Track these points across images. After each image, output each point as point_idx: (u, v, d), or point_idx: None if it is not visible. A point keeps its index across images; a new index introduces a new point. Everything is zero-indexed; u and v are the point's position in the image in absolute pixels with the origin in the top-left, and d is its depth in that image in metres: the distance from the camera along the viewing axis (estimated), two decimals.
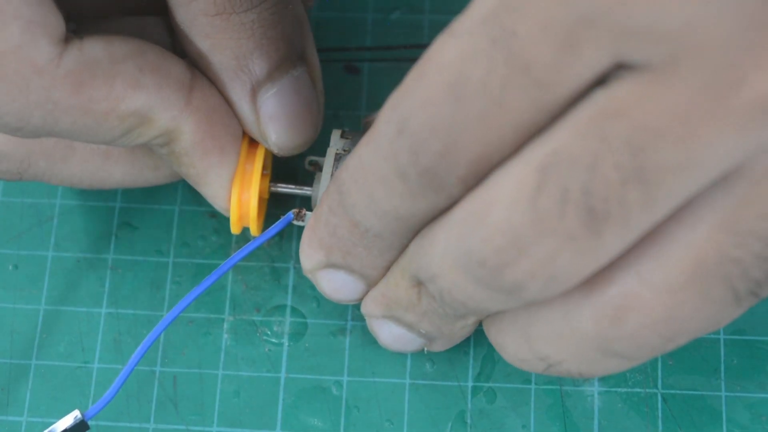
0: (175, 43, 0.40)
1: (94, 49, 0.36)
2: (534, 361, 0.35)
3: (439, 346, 0.38)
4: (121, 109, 0.36)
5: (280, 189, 0.41)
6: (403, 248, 0.36)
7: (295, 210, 0.40)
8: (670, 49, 0.27)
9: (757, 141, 0.28)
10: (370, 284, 0.37)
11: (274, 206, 0.43)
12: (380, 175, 0.32)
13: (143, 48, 0.37)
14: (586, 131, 0.29)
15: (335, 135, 0.40)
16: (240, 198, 0.40)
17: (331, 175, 0.39)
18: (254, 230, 0.40)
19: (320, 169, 0.40)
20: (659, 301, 0.31)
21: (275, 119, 0.39)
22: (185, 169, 0.39)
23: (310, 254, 0.37)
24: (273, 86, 0.38)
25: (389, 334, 0.38)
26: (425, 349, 0.39)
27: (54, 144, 0.40)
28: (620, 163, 0.29)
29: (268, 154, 0.40)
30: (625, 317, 0.32)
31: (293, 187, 0.41)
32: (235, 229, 0.40)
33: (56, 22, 0.35)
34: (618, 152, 0.28)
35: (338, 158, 0.39)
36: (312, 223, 0.36)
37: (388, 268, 0.37)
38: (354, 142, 0.39)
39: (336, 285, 0.37)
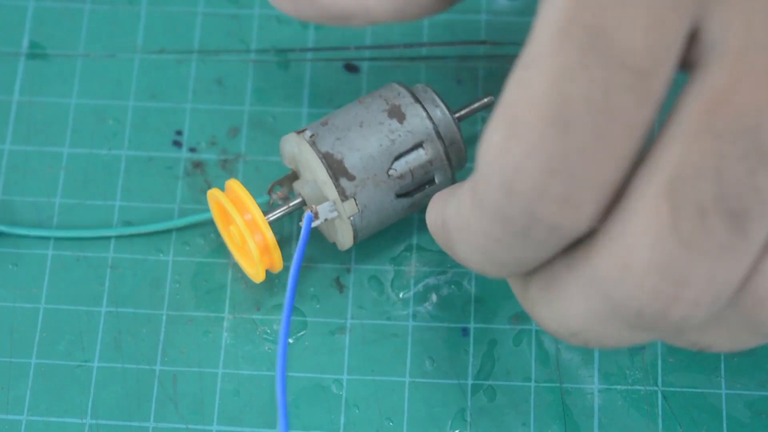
0: None
1: None
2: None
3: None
4: None
5: (274, 217, 0.41)
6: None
7: (308, 210, 0.40)
8: (744, 7, 0.27)
9: None
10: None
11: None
12: (496, 237, 0.31)
13: None
14: (698, 134, 0.28)
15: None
16: (257, 243, 0.40)
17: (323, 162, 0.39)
18: (280, 265, 0.41)
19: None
20: None
21: None
22: None
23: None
24: None
25: None
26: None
27: None
28: (741, 153, 0.28)
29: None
30: None
31: (284, 208, 0.41)
32: (262, 276, 0.41)
33: None
34: (736, 143, 0.28)
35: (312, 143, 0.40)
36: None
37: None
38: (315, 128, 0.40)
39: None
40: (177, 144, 0.45)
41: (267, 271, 0.43)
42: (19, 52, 0.47)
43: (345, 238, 0.41)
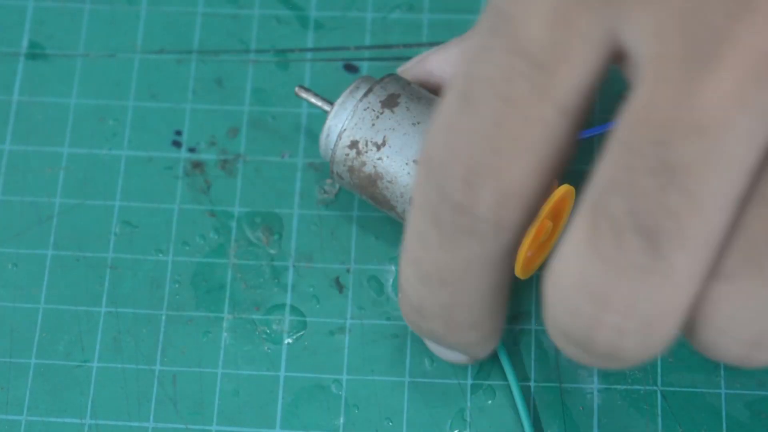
0: None
1: None
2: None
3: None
4: None
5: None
6: (465, 329, 0.33)
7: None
8: (656, 12, 0.26)
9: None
10: (471, 356, 0.37)
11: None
12: (417, 229, 0.30)
13: None
14: (615, 148, 0.27)
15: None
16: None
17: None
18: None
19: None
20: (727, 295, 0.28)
21: None
22: None
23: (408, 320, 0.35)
24: None
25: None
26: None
27: None
28: (652, 168, 0.27)
29: None
30: None
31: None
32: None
33: None
34: (647, 158, 0.27)
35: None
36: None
37: (475, 345, 0.35)
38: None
39: (438, 349, 0.39)
40: (177, 144, 0.45)
41: (269, 270, 0.43)
42: (18, 52, 0.47)
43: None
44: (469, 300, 0.32)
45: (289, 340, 0.42)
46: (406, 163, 0.39)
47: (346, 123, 0.40)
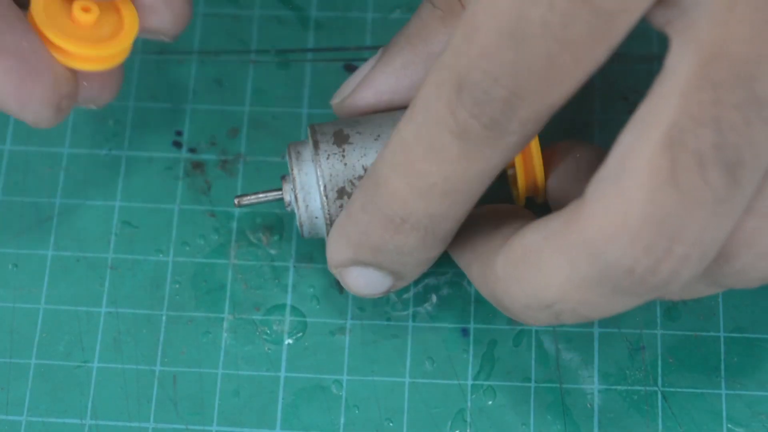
0: None
1: None
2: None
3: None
4: None
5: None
6: (439, 244, 0.35)
7: None
8: None
9: None
10: (399, 279, 0.37)
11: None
12: (431, 142, 0.32)
13: None
14: (697, 85, 0.29)
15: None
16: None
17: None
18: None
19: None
20: None
21: None
22: None
23: (337, 251, 0.37)
24: None
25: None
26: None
27: None
28: (739, 102, 0.28)
29: None
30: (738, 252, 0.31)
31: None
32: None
33: None
34: (734, 93, 0.28)
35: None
36: (341, 220, 0.36)
37: (420, 265, 0.36)
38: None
39: (362, 281, 0.37)
40: (177, 144, 0.45)
41: (270, 271, 0.43)
42: None
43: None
44: (462, 210, 0.34)
45: (290, 341, 0.42)
46: None
47: (321, 180, 0.38)
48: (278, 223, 0.44)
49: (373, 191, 0.34)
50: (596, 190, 0.31)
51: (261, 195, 0.40)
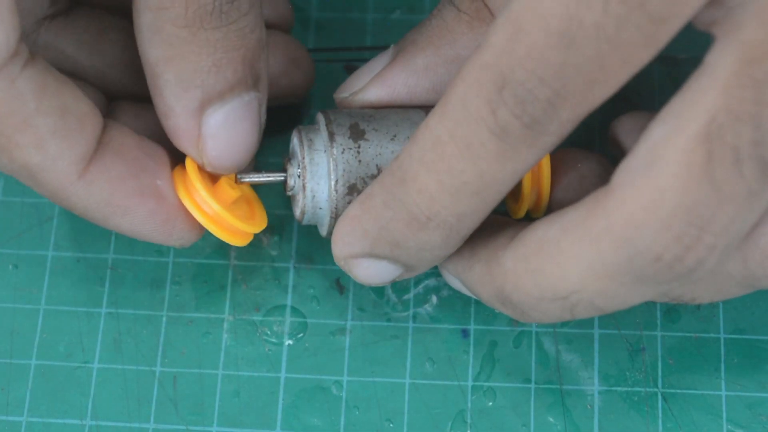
0: None
1: (26, 83, 0.35)
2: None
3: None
4: (14, 156, 0.36)
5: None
6: (459, 241, 0.35)
7: None
8: None
9: None
10: (410, 271, 0.37)
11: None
12: (468, 140, 0.32)
13: (68, 104, 0.36)
14: (738, 82, 0.30)
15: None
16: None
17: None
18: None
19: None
20: None
21: (216, 138, 0.38)
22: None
23: (349, 242, 0.37)
24: (222, 106, 0.37)
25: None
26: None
27: None
28: None
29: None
30: None
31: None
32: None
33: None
34: None
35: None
36: (357, 213, 0.36)
37: (436, 260, 0.37)
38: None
39: (373, 272, 0.37)
40: None
41: (270, 271, 0.43)
42: None
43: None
44: (488, 210, 0.34)
45: (290, 342, 0.42)
46: None
47: (333, 174, 0.38)
48: (278, 223, 0.44)
49: (399, 188, 0.34)
50: (626, 178, 0.31)
51: (263, 175, 0.40)
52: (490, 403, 0.41)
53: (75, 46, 0.41)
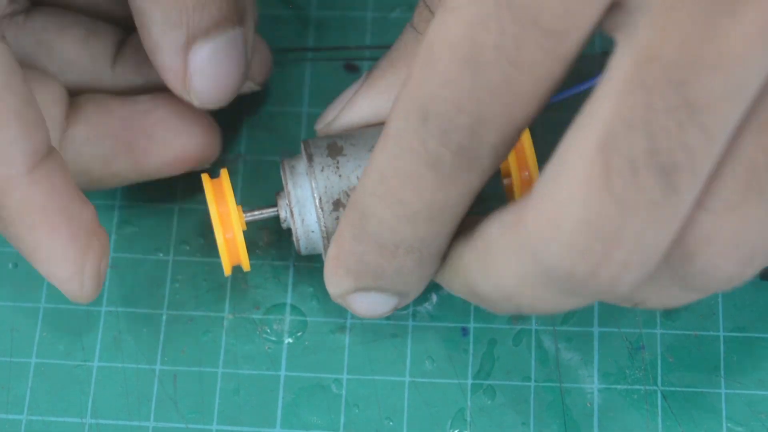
0: None
1: None
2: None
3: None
4: None
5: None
6: (435, 260, 0.35)
7: None
8: None
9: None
10: (404, 297, 0.37)
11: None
12: (407, 173, 0.32)
13: (30, 98, 0.36)
14: (629, 89, 0.28)
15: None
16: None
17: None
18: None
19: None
20: (727, 222, 0.30)
21: (203, 74, 0.39)
22: (11, 238, 0.38)
23: (337, 282, 0.37)
24: (207, 42, 0.38)
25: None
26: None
27: None
28: (671, 106, 0.28)
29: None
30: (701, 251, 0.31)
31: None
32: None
33: None
34: (665, 97, 0.28)
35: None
36: (334, 253, 0.36)
37: (422, 282, 0.36)
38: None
39: (367, 305, 0.37)
40: None
41: (270, 270, 0.43)
42: None
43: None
44: (451, 228, 0.34)
45: (290, 340, 0.42)
46: None
47: (316, 192, 0.38)
48: (278, 222, 0.44)
49: (362, 221, 0.34)
50: (539, 186, 0.30)
51: (257, 212, 0.40)
52: (490, 402, 0.41)
53: (35, 46, 0.41)
